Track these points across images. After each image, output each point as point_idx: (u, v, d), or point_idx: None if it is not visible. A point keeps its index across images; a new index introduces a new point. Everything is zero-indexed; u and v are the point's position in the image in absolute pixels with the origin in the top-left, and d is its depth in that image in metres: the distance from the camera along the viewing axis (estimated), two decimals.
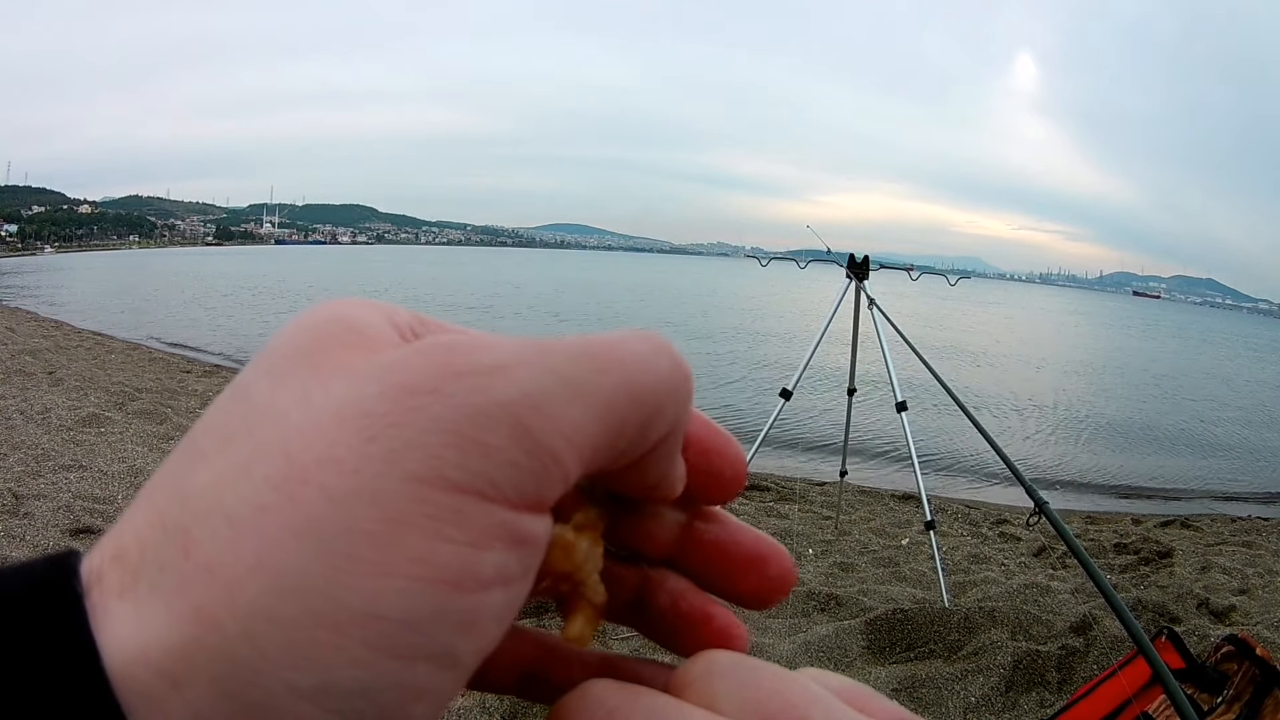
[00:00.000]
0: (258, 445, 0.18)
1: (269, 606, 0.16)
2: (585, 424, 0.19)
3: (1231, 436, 12.65)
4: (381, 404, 0.18)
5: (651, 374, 0.20)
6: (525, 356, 0.19)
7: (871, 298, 4.17)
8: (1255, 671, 1.89)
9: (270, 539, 0.16)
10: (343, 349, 0.20)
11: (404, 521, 0.17)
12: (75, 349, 10.63)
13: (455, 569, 0.17)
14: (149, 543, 0.17)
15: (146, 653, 0.16)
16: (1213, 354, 35.77)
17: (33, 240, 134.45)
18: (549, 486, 0.19)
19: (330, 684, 0.16)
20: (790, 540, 4.89)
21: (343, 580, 0.16)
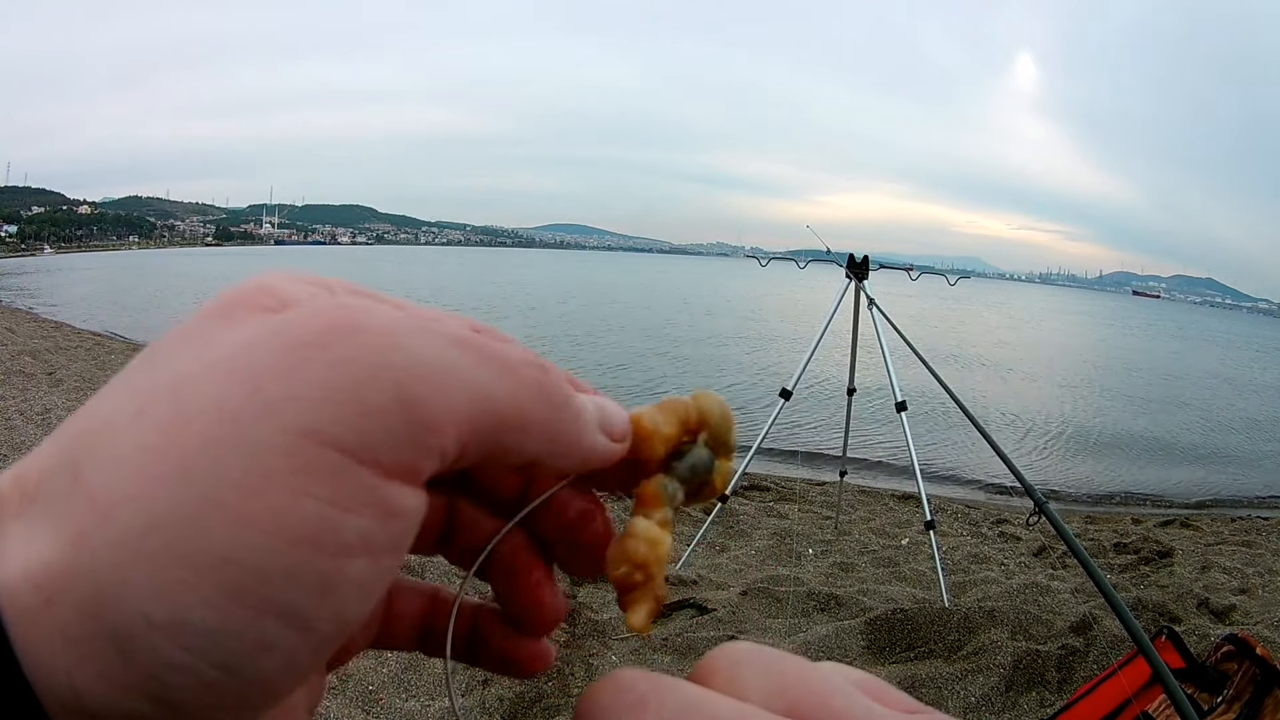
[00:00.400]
0: (153, 390, 0.19)
1: (136, 538, 0.17)
2: (466, 406, 0.19)
3: (1232, 436, 12.65)
4: (270, 356, 0.18)
5: (523, 383, 0.21)
6: (420, 325, 0.19)
7: (871, 298, 4.17)
8: (1255, 671, 1.89)
9: (148, 475, 0.17)
10: (252, 310, 0.20)
11: (271, 474, 0.17)
12: (75, 350, 10.62)
13: (315, 528, 0.17)
14: (47, 470, 0.19)
15: (29, 569, 0.17)
16: (1215, 354, 35.77)
17: (32, 241, 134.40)
18: (425, 458, 0.19)
19: (182, 620, 0.17)
20: (790, 540, 4.89)
21: (204, 524, 0.17)
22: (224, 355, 0.19)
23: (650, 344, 18.28)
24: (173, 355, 0.20)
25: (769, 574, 4.29)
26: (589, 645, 3.13)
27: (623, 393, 11.59)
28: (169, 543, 0.17)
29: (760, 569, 4.42)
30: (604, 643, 3.28)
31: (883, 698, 0.21)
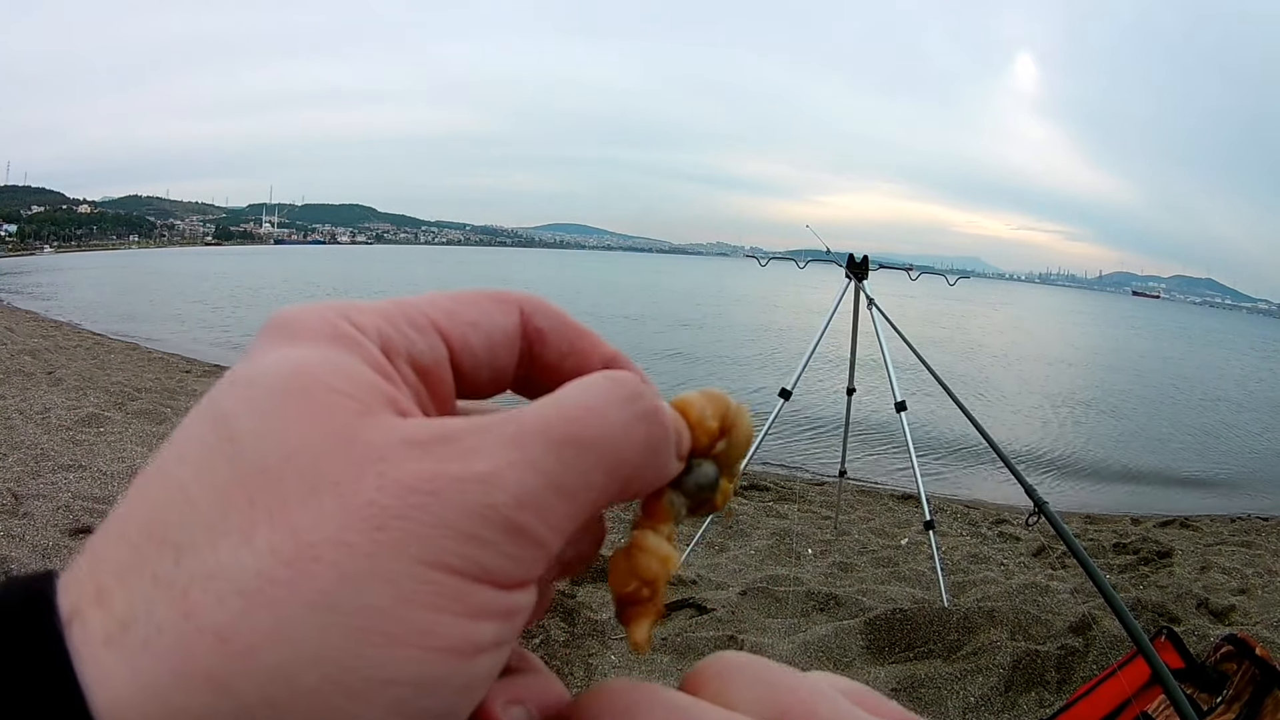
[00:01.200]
0: (257, 512, 0.19)
1: (290, 676, 0.17)
2: (569, 512, 0.21)
3: (1233, 436, 12.66)
4: (385, 497, 0.19)
5: (629, 445, 0.23)
6: (512, 458, 0.21)
7: (871, 297, 4.18)
8: (1255, 671, 1.90)
9: (285, 612, 0.17)
10: (331, 412, 0.21)
11: (412, 599, 0.18)
12: (75, 349, 10.62)
13: (457, 639, 0.19)
14: (138, 593, 0.18)
15: (146, 711, 0.17)
16: (1218, 355, 35.77)
17: (32, 240, 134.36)
18: (535, 569, 0.21)
19: None
20: (790, 540, 4.89)
21: (359, 651, 0.18)
22: (333, 489, 0.19)
23: (651, 342, 18.30)
24: (262, 462, 0.19)
25: (768, 574, 4.29)
26: (588, 645, 3.13)
27: None
28: (325, 675, 0.17)
29: (759, 569, 4.42)
30: (603, 642, 3.28)
31: (871, 706, 0.22)
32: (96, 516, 4.15)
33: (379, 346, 0.23)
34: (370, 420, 0.21)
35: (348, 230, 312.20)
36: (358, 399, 0.21)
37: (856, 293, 4.25)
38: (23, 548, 3.62)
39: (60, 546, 3.73)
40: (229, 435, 0.20)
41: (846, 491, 5.65)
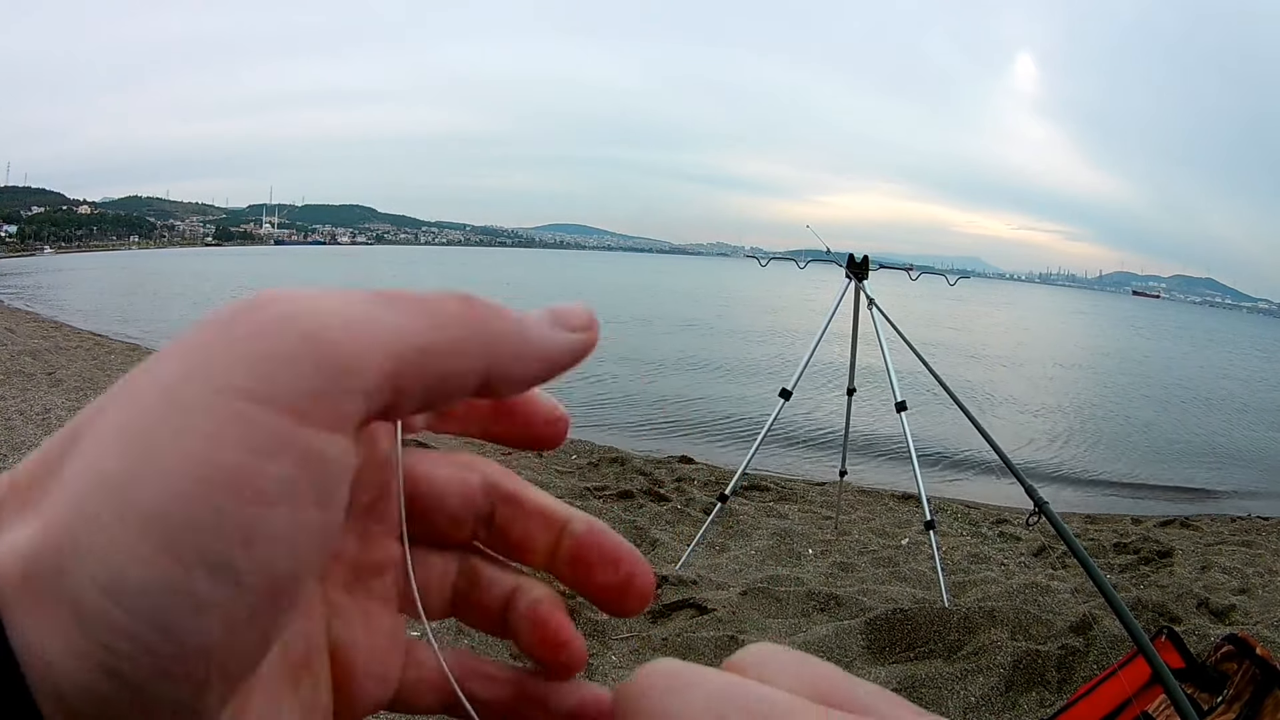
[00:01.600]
0: (132, 382, 0.19)
1: (89, 506, 0.17)
2: (383, 342, 0.20)
3: (1233, 436, 12.66)
4: (204, 333, 0.19)
5: (449, 315, 0.21)
6: (340, 292, 0.20)
7: (871, 297, 4.18)
8: (1255, 671, 1.90)
9: (101, 450, 0.18)
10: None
11: (192, 427, 0.18)
12: (75, 350, 10.63)
13: (233, 475, 0.17)
14: (38, 466, 0.20)
15: (15, 549, 0.18)
16: (1220, 355, 35.76)
17: (32, 241, 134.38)
18: (345, 400, 0.19)
19: (122, 580, 0.17)
20: (790, 540, 4.89)
21: (139, 481, 0.17)
22: (179, 344, 0.19)
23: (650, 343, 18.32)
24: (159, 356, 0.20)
25: (769, 574, 4.29)
26: (589, 645, 3.13)
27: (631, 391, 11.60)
28: (111, 505, 0.17)
29: (760, 569, 4.42)
30: (604, 643, 3.28)
31: (894, 701, 0.22)
32: None
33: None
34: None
35: (348, 231, 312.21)
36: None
37: (857, 293, 4.26)
38: None
39: None
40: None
41: (847, 491, 5.65)
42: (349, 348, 0.19)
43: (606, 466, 6.44)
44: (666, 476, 6.27)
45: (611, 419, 9.56)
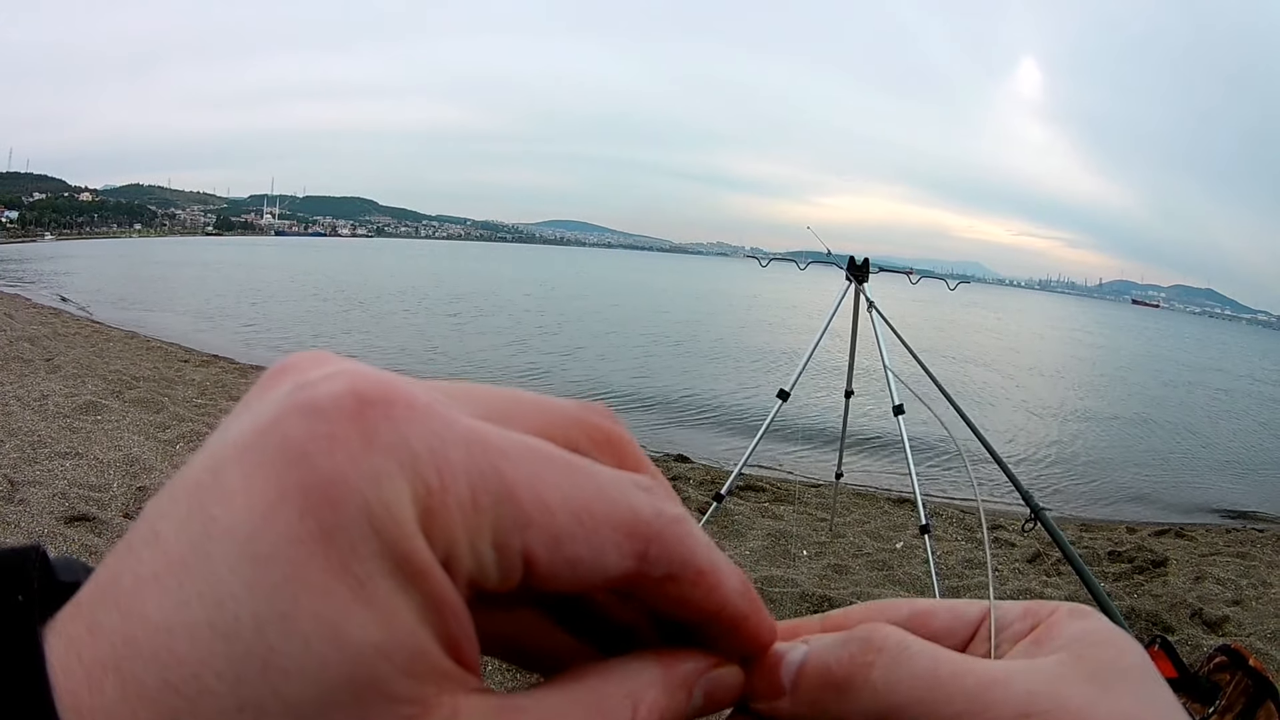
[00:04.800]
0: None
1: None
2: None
3: (1231, 448, 12.67)
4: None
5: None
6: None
7: (871, 300, 4.17)
8: (1248, 683, 1.89)
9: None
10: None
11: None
12: (73, 336, 10.61)
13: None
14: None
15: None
16: (1226, 362, 35.80)
17: (33, 227, 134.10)
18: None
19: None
20: (785, 541, 4.89)
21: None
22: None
23: (649, 343, 18.33)
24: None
25: (763, 574, 4.30)
26: None
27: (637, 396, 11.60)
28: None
29: (754, 569, 4.42)
30: None
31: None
32: (92, 504, 4.15)
33: (442, 560, 0.19)
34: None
35: (348, 223, 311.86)
36: (409, 701, 0.18)
37: (856, 295, 4.25)
38: (18, 534, 3.62)
39: (56, 534, 3.73)
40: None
41: (842, 494, 5.65)
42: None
43: None
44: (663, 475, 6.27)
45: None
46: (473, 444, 0.19)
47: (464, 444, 0.19)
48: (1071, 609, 0.27)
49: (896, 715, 0.23)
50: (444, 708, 0.18)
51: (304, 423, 0.18)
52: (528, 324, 20.67)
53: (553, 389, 10.67)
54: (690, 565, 0.23)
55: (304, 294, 26.00)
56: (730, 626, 0.25)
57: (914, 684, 0.23)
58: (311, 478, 0.17)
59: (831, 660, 0.25)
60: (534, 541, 0.20)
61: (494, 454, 0.19)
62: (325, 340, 15.36)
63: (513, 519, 0.19)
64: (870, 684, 0.24)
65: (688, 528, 0.23)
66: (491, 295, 30.54)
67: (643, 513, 0.22)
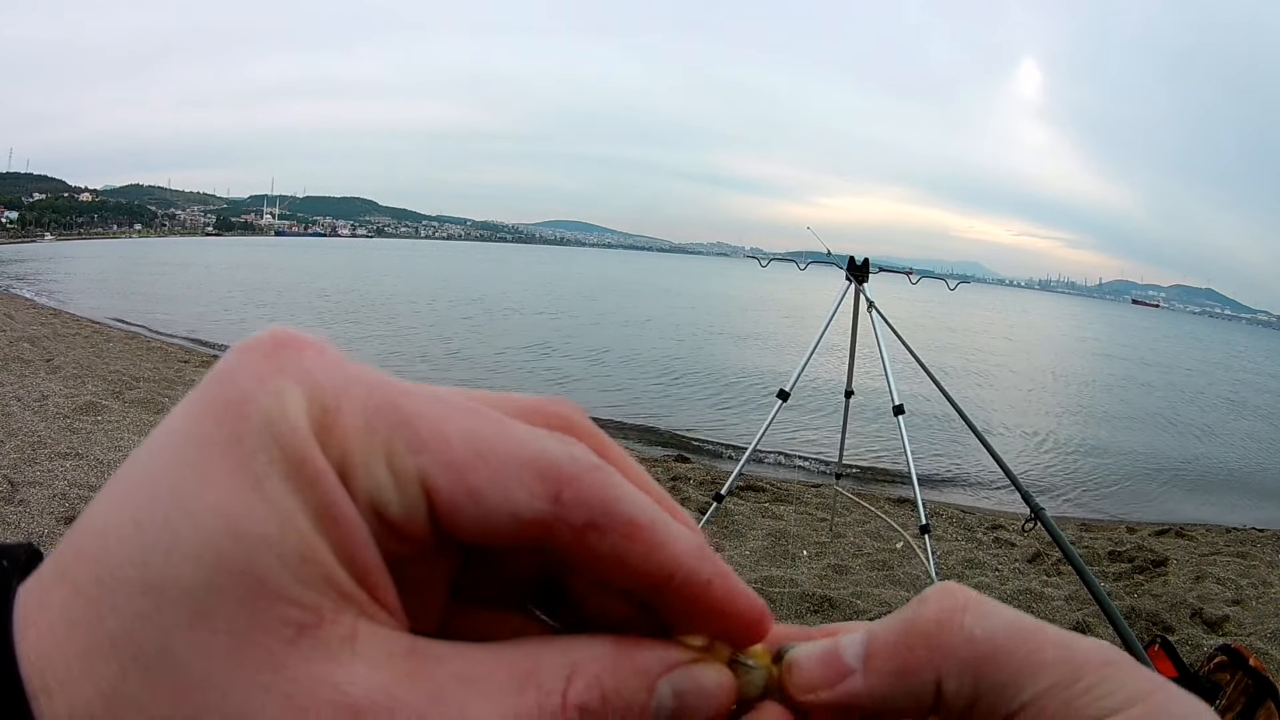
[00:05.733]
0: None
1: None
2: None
3: (1231, 448, 12.67)
4: None
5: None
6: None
7: (871, 300, 4.17)
8: (1248, 682, 1.90)
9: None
10: (256, 641, 0.19)
11: None
12: (73, 337, 10.61)
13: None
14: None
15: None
16: (1230, 361, 35.79)
17: (33, 227, 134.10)
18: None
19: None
20: (785, 541, 4.89)
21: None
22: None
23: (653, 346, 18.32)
24: (160, 650, 0.19)
25: (763, 575, 4.30)
26: None
27: (642, 395, 11.59)
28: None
29: (755, 569, 4.42)
30: None
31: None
32: None
33: (339, 475, 0.20)
34: (305, 654, 0.19)
35: (348, 223, 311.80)
36: (299, 605, 0.19)
37: (856, 295, 4.25)
38: (18, 535, 3.62)
39: (55, 534, 3.72)
40: (138, 651, 0.18)
41: (842, 494, 5.65)
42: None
43: None
44: (663, 475, 6.27)
45: (609, 417, 9.56)
46: (374, 384, 0.21)
47: (364, 382, 0.21)
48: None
49: (991, 667, 0.22)
50: (341, 626, 0.19)
51: (232, 357, 0.21)
52: (545, 327, 20.45)
53: (579, 394, 10.69)
54: (615, 514, 0.22)
55: (311, 295, 25.89)
56: (690, 596, 0.23)
57: (1008, 631, 0.22)
58: (228, 393, 0.20)
59: (914, 617, 0.23)
60: (430, 467, 0.20)
61: (394, 391, 0.21)
62: (341, 347, 15.24)
63: (407, 442, 0.20)
64: (966, 630, 0.22)
65: (611, 478, 0.22)
66: (502, 297, 30.35)
67: (555, 454, 0.22)
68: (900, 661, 0.23)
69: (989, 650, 0.22)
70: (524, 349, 15.50)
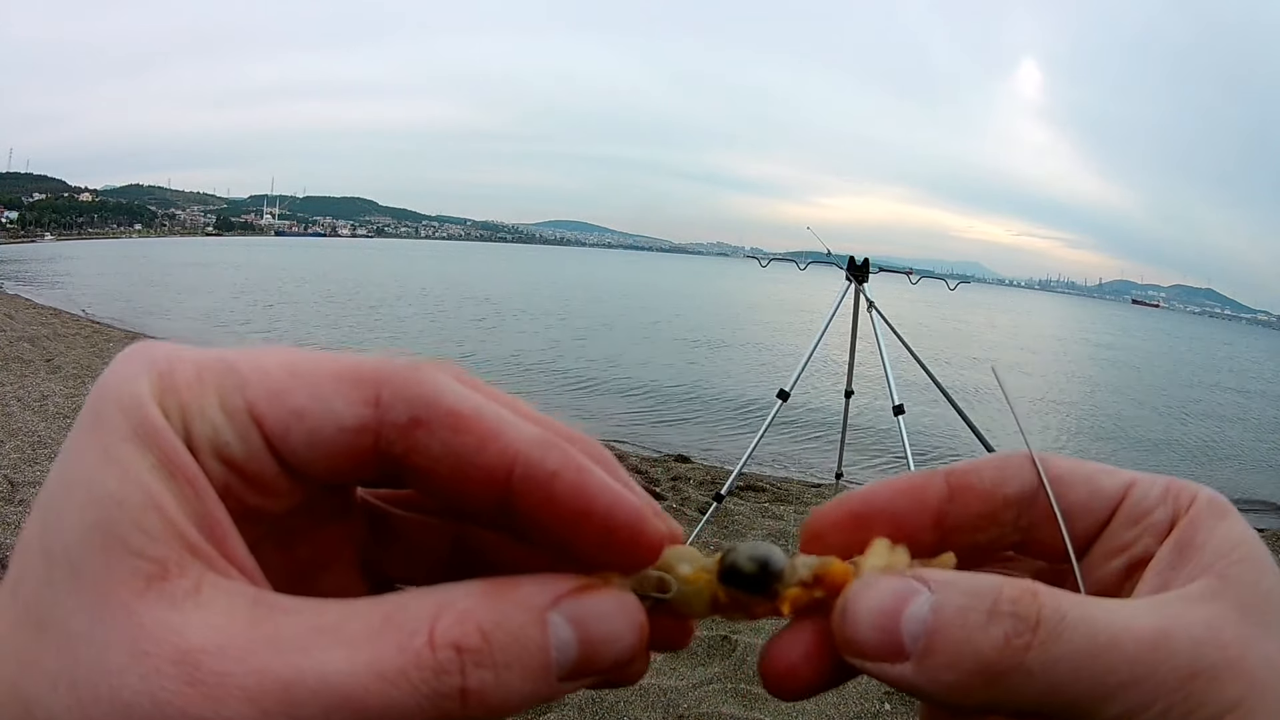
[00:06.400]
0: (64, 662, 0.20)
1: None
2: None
3: (1239, 447, 12.66)
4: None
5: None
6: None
7: (871, 300, 4.17)
8: None
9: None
10: (113, 590, 0.20)
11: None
12: (73, 337, 10.61)
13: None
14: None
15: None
16: (1233, 361, 35.77)
17: (33, 227, 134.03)
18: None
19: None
20: (785, 541, 4.88)
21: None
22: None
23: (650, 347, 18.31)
24: (40, 602, 0.21)
25: None
26: None
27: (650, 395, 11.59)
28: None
29: None
30: None
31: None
32: None
33: (183, 437, 0.21)
34: (151, 603, 0.20)
35: (348, 223, 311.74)
36: (147, 558, 0.20)
37: (856, 295, 4.25)
38: (18, 535, 3.62)
39: None
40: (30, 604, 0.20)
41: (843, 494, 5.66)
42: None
43: None
44: (663, 475, 6.27)
45: (609, 417, 9.56)
46: (205, 352, 0.23)
47: (196, 352, 0.23)
48: (1210, 503, 0.25)
49: (1049, 697, 0.21)
50: (187, 579, 0.20)
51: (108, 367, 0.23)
52: (557, 329, 20.19)
53: (600, 397, 10.68)
54: (437, 406, 0.21)
55: (317, 297, 25.66)
56: (539, 498, 0.21)
57: (1073, 662, 0.21)
58: (96, 389, 0.22)
59: (980, 642, 0.21)
60: (255, 397, 0.22)
61: (222, 353, 0.23)
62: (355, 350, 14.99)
63: (234, 384, 0.22)
64: (1025, 669, 0.21)
65: (430, 374, 0.22)
66: (511, 298, 30.11)
67: (370, 361, 0.23)
68: (955, 680, 0.22)
69: (1048, 687, 0.21)
70: (538, 351, 15.32)
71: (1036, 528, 0.26)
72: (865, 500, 0.26)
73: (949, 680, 0.22)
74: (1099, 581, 0.26)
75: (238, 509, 0.22)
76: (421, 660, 0.19)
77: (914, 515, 0.26)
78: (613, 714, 2.74)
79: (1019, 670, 0.21)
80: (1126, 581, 0.25)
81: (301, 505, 0.24)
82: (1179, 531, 0.24)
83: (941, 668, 0.22)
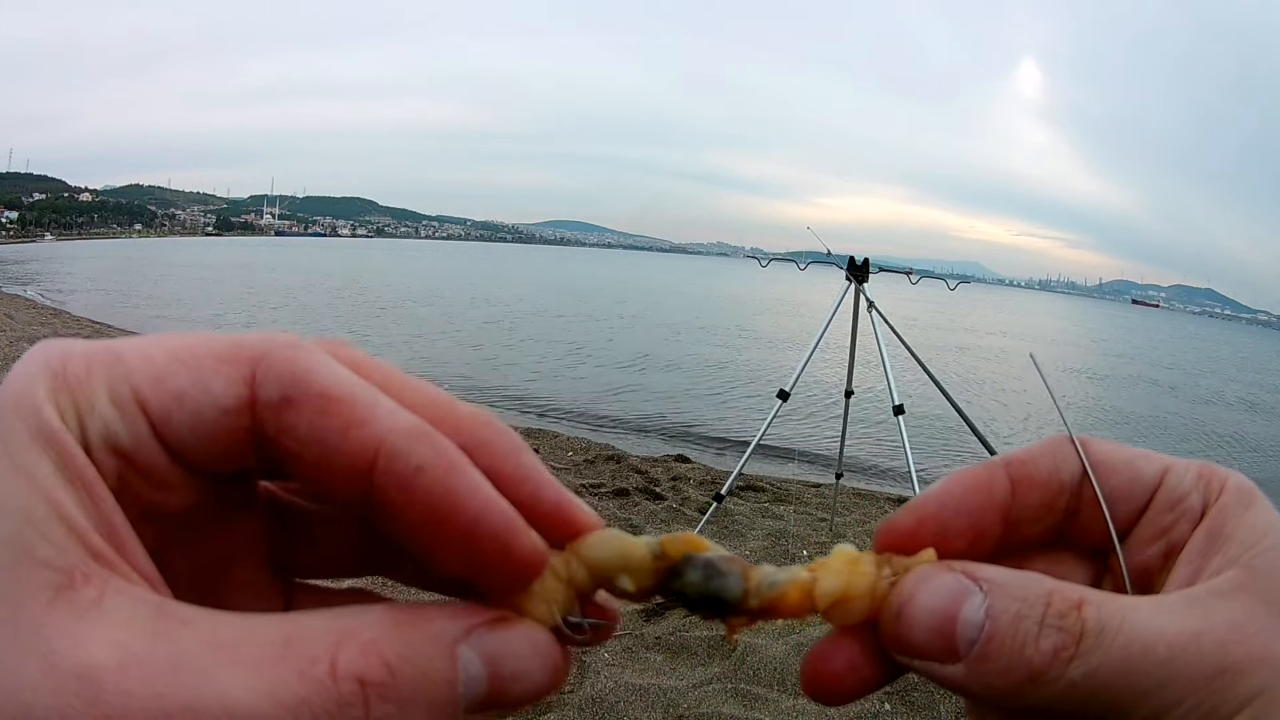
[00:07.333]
0: None
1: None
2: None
3: (1245, 448, 12.66)
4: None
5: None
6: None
7: (871, 300, 4.17)
8: None
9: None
10: (20, 602, 0.19)
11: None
12: (73, 337, 10.60)
13: None
14: None
15: None
16: (1239, 360, 35.77)
17: (33, 227, 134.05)
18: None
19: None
20: (785, 541, 4.89)
21: None
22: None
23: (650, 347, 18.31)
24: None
25: None
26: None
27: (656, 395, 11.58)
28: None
29: None
30: None
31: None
32: None
33: (78, 435, 0.21)
34: (60, 614, 0.19)
35: (348, 223, 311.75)
36: (54, 567, 0.19)
37: (857, 295, 4.25)
38: None
39: None
40: None
41: (843, 494, 5.64)
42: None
43: (603, 464, 6.44)
44: (663, 475, 6.27)
45: (609, 416, 9.56)
46: (95, 344, 0.22)
47: (88, 345, 0.22)
48: (1239, 490, 0.26)
49: (1088, 700, 0.22)
50: (92, 587, 0.19)
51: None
52: (576, 330, 20.01)
53: (625, 405, 10.67)
54: (307, 385, 0.21)
55: (324, 297, 25.51)
56: (400, 497, 0.21)
57: (1110, 670, 0.22)
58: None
59: (1031, 653, 0.22)
60: (139, 384, 0.21)
61: (112, 344, 0.22)
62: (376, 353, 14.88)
63: (120, 373, 0.22)
64: (1067, 678, 0.22)
65: (305, 352, 0.22)
66: (520, 300, 29.91)
67: (247, 339, 0.22)
68: (1003, 684, 0.23)
69: (1087, 694, 0.22)
70: (558, 357, 15.02)
71: (1079, 513, 0.27)
72: (939, 503, 0.27)
73: (999, 685, 0.23)
74: (1140, 565, 0.27)
75: (136, 507, 0.22)
76: (324, 690, 0.19)
77: (985, 513, 0.26)
78: (613, 714, 2.74)
79: (1063, 679, 0.22)
80: (1165, 565, 0.26)
81: (202, 501, 0.23)
82: (1209, 520, 0.25)
83: (994, 674, 0.23)
